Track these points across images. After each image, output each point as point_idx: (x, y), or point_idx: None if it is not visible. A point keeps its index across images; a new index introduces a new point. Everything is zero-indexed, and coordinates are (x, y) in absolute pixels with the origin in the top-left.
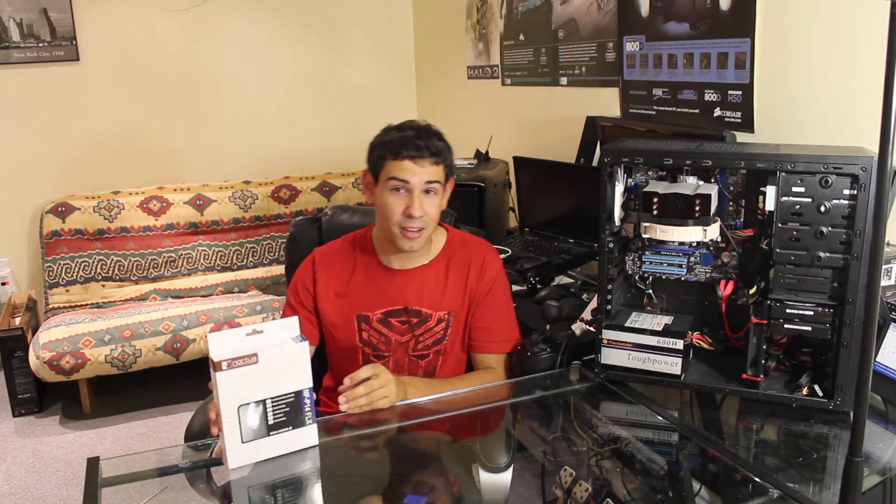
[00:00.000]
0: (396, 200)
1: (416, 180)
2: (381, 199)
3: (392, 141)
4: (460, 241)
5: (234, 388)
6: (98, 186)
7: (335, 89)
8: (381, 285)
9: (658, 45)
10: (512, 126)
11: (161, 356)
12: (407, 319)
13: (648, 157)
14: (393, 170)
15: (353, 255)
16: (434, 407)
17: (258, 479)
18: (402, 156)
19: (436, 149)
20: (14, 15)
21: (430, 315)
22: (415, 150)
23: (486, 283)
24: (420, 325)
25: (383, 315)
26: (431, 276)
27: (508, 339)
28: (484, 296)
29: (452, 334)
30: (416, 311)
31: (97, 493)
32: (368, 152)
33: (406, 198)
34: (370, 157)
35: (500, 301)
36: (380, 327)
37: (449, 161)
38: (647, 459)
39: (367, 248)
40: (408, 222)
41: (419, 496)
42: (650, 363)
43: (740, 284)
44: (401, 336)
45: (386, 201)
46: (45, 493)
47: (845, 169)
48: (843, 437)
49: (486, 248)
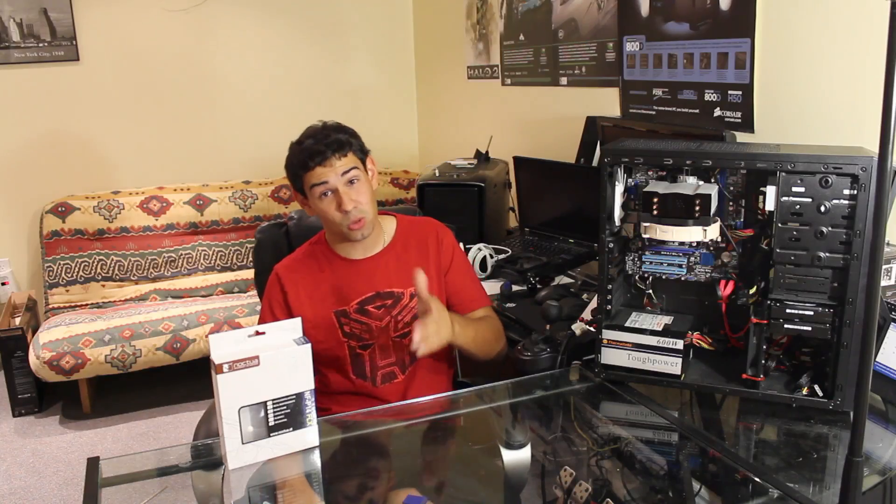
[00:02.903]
0: (328, 204)
1: (333, 179)
2: (317, 209)
3: (298, 157)
4: (409, 224)
5: (235, 390)
6: (98, 186)
7: (335, 89)
8: (350, 278)
9: (658, 45)
10: (512, 126)
11: (161, 356)
12: (382, 303)
13: (648, 157)
14: (310, 179)
15: (315, 260)
16: (434, 407)
17: (258, 480)
18: (310, 166)
19: (336, 143)
20: (14, 15)
21: (402, 293)
22: (318, 154)
23: (447, 253)
24: (395, 304)
25: (359, 305)
26: (392, 258)
27: (483, 295)
28: (449, 264)
29: None
30: (388, 292)
31: (97, 493)
32: (287, 175)
33: (334, 197)
34: (290, 181)
35: (464, 265)
36: (359, 317)
37: (355, 145)
38: (647, 459)
39: (326, 249)
40: (347, 218)
41: (419, 496)
42: (650, 363)
43: (740, 284)
44: (380, 321)
45: (320, 209)
46: (45, 493)
47: (845, 169)
48: (843, 437)
49: (434, 224)
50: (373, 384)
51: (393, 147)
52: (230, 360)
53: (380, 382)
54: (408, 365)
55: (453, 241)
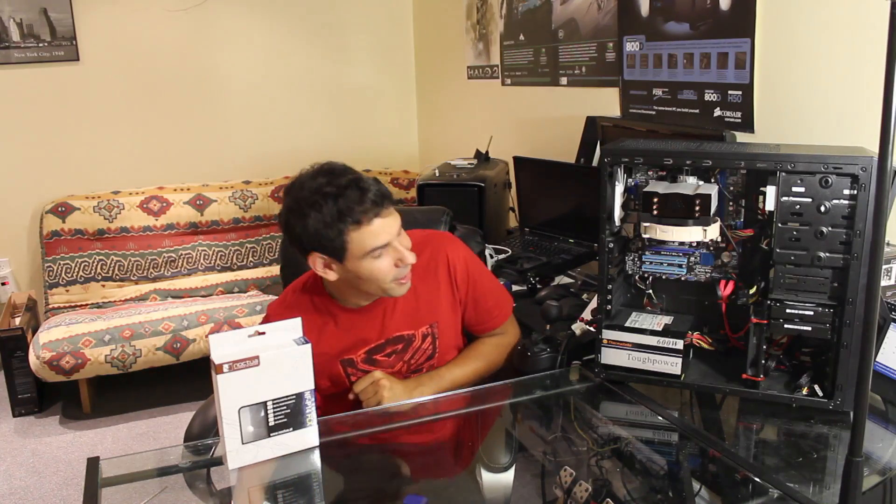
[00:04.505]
0: (384, 264)
1: (394, 235)
2: (362, 272)
3: (340, 207)
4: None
5: (235, 390)
6: (98, 186)
7: (335, 89)
8: (356, 326)
9: (658, 45)
10: (512, 126)
11: (161, 356)
12: (392, 350)
13: (648, 157)
14: (367, 239)
15: (313, 306)
16: (434, 407)
17: (258, 480)
18: (366, 219)
19: (384, 190)
20: (14, 15)
21: (414, 335)
22: (372, 204)
23: (462, 278)
24: (406, 349)
25: (366, 355)
26: (402, 298)
27: (505, 304)
28: (466, 290)
29: (442, 344)
30: (398, 336)
31: (97, 493)
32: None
33: (390, 253)
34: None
35: (483, 280)
36: (367, 367)
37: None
38: (647, 459)
39: (324, 296)
40: (402, 272)
41: (419, 496)
42: (650, 363)
43: (740, 284)
44: (391, 368)
45: (372, 270)
46: (45, 493)
47: (845, 169)
48: (843, 437)
49: (442, 244)
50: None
51: (393, 147)
52: (230, 360)
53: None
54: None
55: (465, 263)
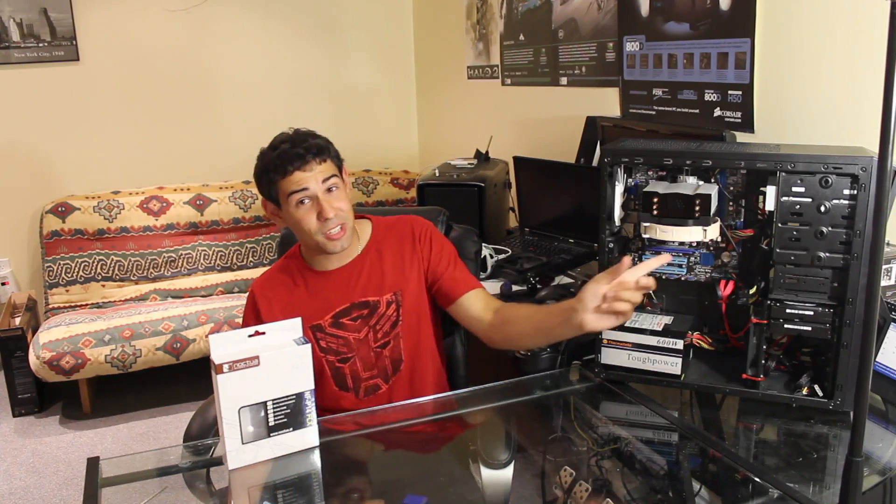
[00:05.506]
0: (306, 213)
1: (314, 185)
2: (292, 219)
3: (273, 162)
4: (385, 227)
5: (235, 390)
6: (98, 186)
7: (335, 89)
8: (323, 291)
9: (658, 45)
10: (512, 126)
11: (161, 356)
12: (358, 314)
13: (648, 157)
14: (287, 186)
15: (289, 274)
16: (434, 407)
17: (258, 480)
18: (289, 171)
19: (315, 148)
20: (14, 15)
21: (378, 301)
22: (297, 159)
23: (425, 247)
24: (371, 314)
25: (333, 318)
26: (367, 265)
27: (473, 278)
28: (429, 256)
29: (406, 312)
30: (363, 302)
31: (97, 493)
32: (257, 183)
33: (313, 206)
34: (261, 188)
35: (445, 251)
36: (334, 331)
37: (333, 152)
38: (647, 459)
39: (300, 262)
40: (326, 226)
41: (419, 496)
42: (650, 363)
43: (740, 284)
44: (357, 333)
45: (297, 218)
46: (45, 493)
47: (845, 169)
48: (843, 437)
49: (410, 221)
50: (356, 396)
51: (393, 147)
52: (230, 360)
53: (363, 395)
54: (391, 375)
55: (430, 233)
